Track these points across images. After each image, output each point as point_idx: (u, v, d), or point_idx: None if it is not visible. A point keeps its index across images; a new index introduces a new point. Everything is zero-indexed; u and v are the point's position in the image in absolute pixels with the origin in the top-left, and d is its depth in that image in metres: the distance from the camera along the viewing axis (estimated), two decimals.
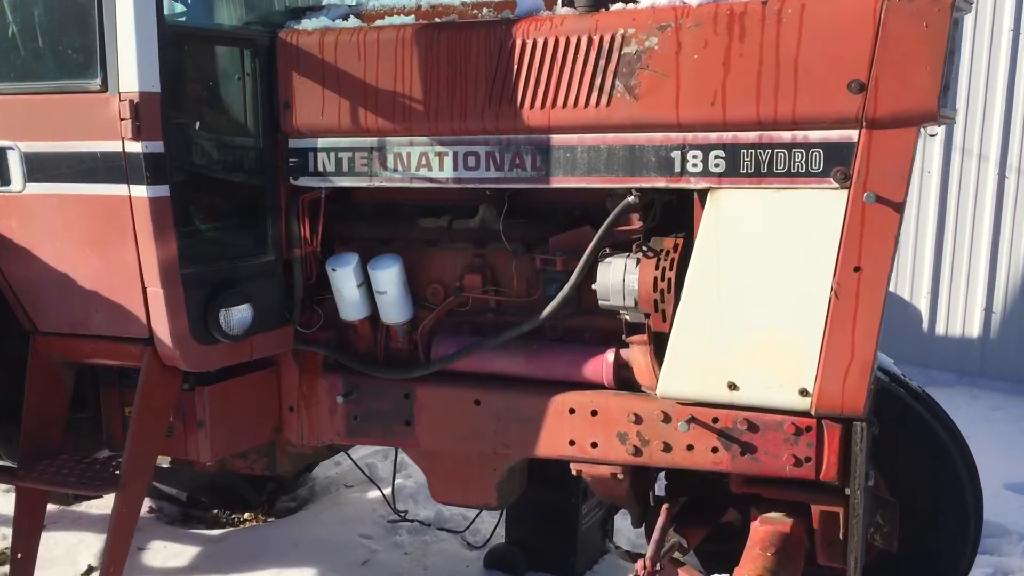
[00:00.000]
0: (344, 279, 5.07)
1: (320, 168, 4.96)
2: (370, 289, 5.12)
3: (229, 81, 5.02)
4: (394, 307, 5.07)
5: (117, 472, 4.69)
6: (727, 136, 4.17)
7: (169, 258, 4.51)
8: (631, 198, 4.43)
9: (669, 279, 4.37)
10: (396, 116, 4.73)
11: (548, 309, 4.64)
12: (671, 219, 4.58)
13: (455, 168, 4.70)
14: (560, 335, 4.95)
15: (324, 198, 5.11)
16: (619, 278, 4.47)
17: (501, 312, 5.07)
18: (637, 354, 4.65)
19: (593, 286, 4.57)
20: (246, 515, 7.24)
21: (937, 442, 4.94)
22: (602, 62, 4.33)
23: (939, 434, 4.95)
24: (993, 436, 8.11)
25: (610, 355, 4.71)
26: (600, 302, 4.56)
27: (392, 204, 5.18)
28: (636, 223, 4.59)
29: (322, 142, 4.93)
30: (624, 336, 4.67)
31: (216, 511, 7.21)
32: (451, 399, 4.97)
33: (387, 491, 6.99)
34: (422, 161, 4.76)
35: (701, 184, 4.25)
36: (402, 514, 6.76)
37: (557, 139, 4.49)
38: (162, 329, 4.58)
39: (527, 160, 4.56)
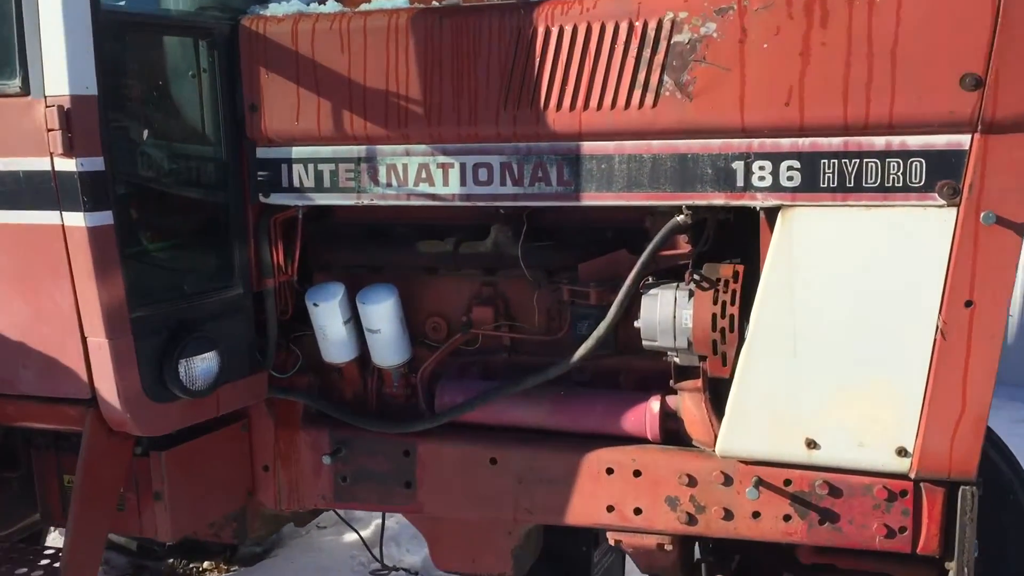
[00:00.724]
0: (328, 315, 4.25)
1: (296, 183, 4.12)
2: (359, 326, 4.31)
3: (182, 80, 4.15)
4: (389, 347, 4.26)
5: (56, 566, 3.82)
6: (804, 143, 3.41)
7: (115, 301, 3.65)
8: (680, 217, 3.67)
9: (731, 315, 3.61)
10: (389, 120, 3.90)
11: (581, 351, 3.85)
12: (724, 242, 3.82)
13: (463, 182, 3.89)
14: (589, 378, 4.17)
15: (301, 218, 4.27)
16: (668, 314, 3.70)
17: (517, 351, 4.28)
18: (689, 403, 3.89)
19: (636, 323, 3.80)
20: (206, 564, 6.45)
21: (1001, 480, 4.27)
22: (646, 53, 3.54)
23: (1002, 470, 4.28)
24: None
25: (655, 404, 3.95)
26: (644, 343, 3.79)
27: (384, 225, 4.36)
28: (684, 247, 3.82)
29: (298, 152, 4.09)
30: (672, 382, 3.91)
31: (171, 560, 6.39)
32: (461, 457, 4.18)
33: (366, 533, 6.21)
34: (421, 174, 3.94)
35: (770, 201, 3.50)
36: (385, 565, 5.95)
37: (590, 147, 3.70)
38: (107, 387, 3.72)
39: (552, 173, 3.76)
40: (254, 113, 4.08)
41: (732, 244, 3.87)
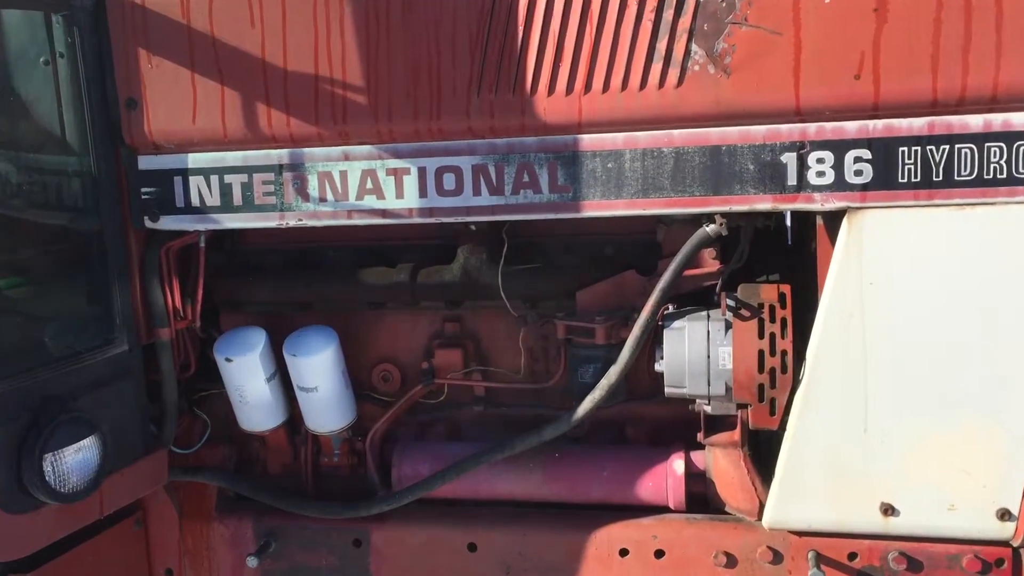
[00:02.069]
0: (246, 372, 3.27)
1: (194, 201, 3.12)
2: (286, 381, 3.34)
3: (31, 69, 3.07)
4: (328, 409, 3.31)
5: None
6: (876, 127, 2.65)
7: None
8: (711, 227, 2.86)
9: (782, 352, 2.82)
10: (321, 114, 2.95)
11: (588, 405, 2.99)
12: (752, 255, 3.04)
13: (422, 193, 2.97)
14: (585, 432, 3.32)
15: (203, 247, 3.26)
16: (700, 353, 2.88)
17: (493, 403, 3.40)
18: (723, 462, 3.09)
19: (657, 365, 2.96)
20: None
21: None
22: (668, 16, 2.72)
23: None
24: None
25: (677, 464, 3.13)
26: (668, 390, 2.96)
27: (314, 250, 3.41)
28: (711, 264, 3.02)
29: (196, 160, 3.10)
30: (700, 435, 3.10)
31: None
32: (430, 544, 3.27)
33: None
34: (366, 184, 3.01)
35: (832, 203, 2.72)
36: None
37: (592, 142, 2.84)
38: None
39: (542, 177, 2.89)
40: (132, 111, 3.06)
41: (762, 257, 3.10)
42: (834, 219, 2.76)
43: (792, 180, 2.73)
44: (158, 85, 3.03)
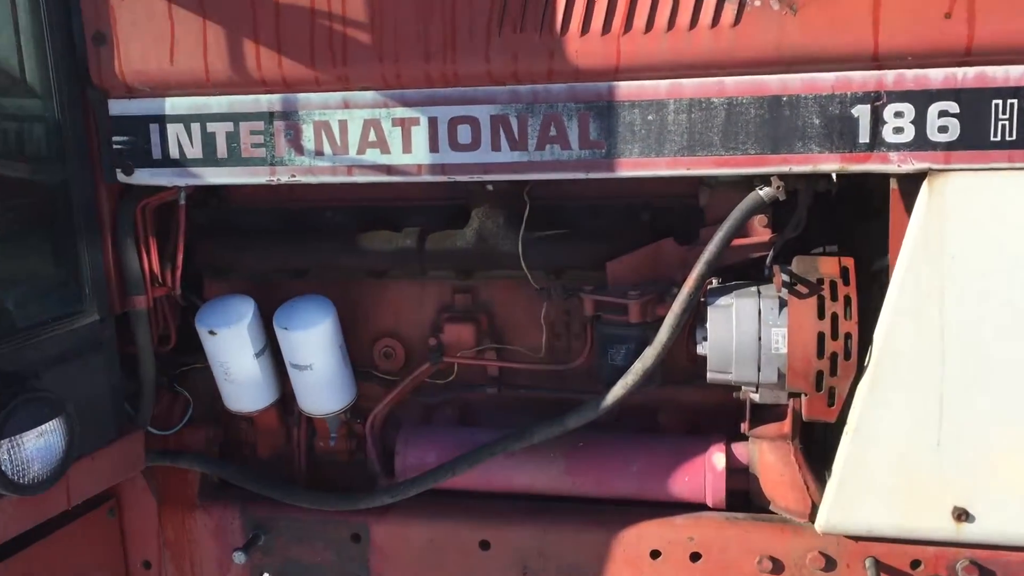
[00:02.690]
0: (232, 346, 2.91)
1: (173, 152, 2.74)
2: (277, 357, 2.99)
3: None
4: (324, 389, 2.96)
5: None
6: (966, 76, 2.27)
7: None
8: (766, 190, 2.49)
9: (846, 334, 2.46)
10: (318, 55, 2.57)
11: (619, 390, 2.64)
12: (811, 223, 2.67)
13: (433, 147, 2.60)
14: (614, 418, 2.96)
15: (184, 204, 2.89)
16: (751, 334, 2.52)
17: (509, 385, 3.04)
18: (770, 457, 2.74)
19: (699, 348, 2.61)
20: None
21: None
22: None
23: None
24: None
25: (717, 457, 2.78)
26: (711, 375, 2.61)
27: (309, 210, 3.03)
28: (762, 232, 2.65)
29: (175, 105, 2.72)
30: (744, 426, 2.75)
31: None
32: (437, 540, 2.93)
33: None
34: (369, 135, 2.63)
35: (911, 164, 2.34)
36: None
37: (631, 90, 2.46)
38: None
39: (572, 130, 2.51)
40: (101, 47, 2.67)
41: (822, 226, 2.73)
42: (912, 183, 2.39)
43: (864, 137, 2.36)
44: (130, 17, 2.64)
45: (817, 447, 2.77)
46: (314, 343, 2.85)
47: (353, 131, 2.63)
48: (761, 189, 2.51)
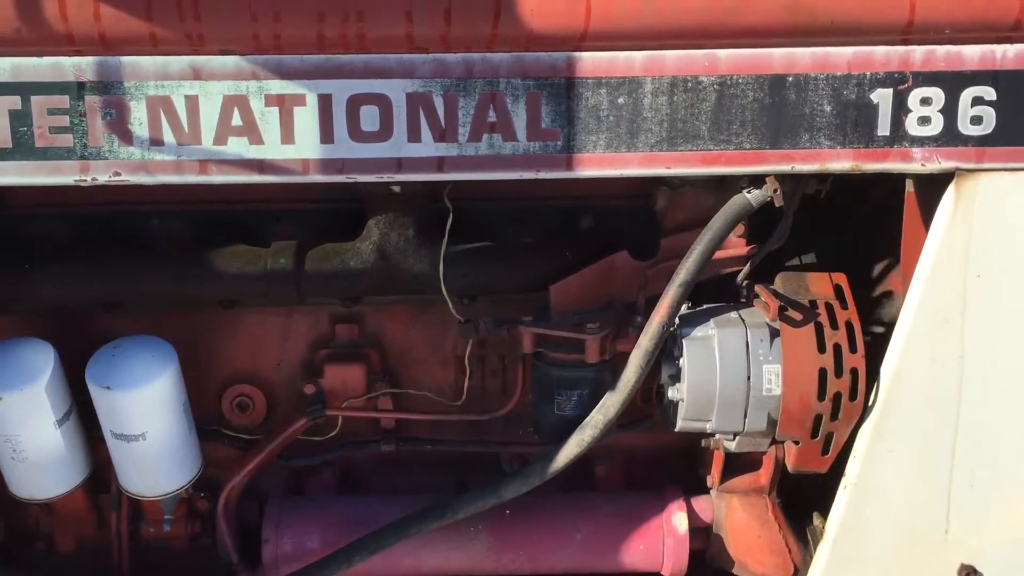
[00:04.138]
0: (23, 414, 2.08)
1: None
2: (84, 419, 2.17)
3: None
4: (162, 463, 2.19)
5: None
6: (1006, 54, 1.87)
7: None
8: (756, 192, 2.01)
9: (853, 371, 2.02)
10: (157, 3, 1.78)
11: (572, 449, 2.05)
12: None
13: (325, 135, 1.89)
14: None
15: None
16: (739, 373, 2.03)
17: (409, 439, 2.39)
18: (743, 514, 2.28)
19: (671, 392, 2.09)
20: None
21: None
22: None
23: None
24: None
25: (677, 518, 2.29)
26: (682, 423, 2.09)
27: (126, 215, 2.21)
28: (736, 242, 2.17)
29: None
30: (713, 478, 2.27)
31: None
32: None
33: None
34: (231, 118, 1.88)
35: (937, 162, 1.93)
36: None
37: (598, 63, 1.88)
38: None
39: (517, 114, 1.90)
40: None
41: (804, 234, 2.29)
42: (933, 186, 1.97)
43: (884, 129, 1.91)
44: None
45: (786, 498, 2.35)
46: (149, 406, 2.06)
47: (207, 112, 1.86)
48: (748, 191, 2.02)
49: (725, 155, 1.92)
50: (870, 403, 2.06)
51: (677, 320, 2.07)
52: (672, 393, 2.08)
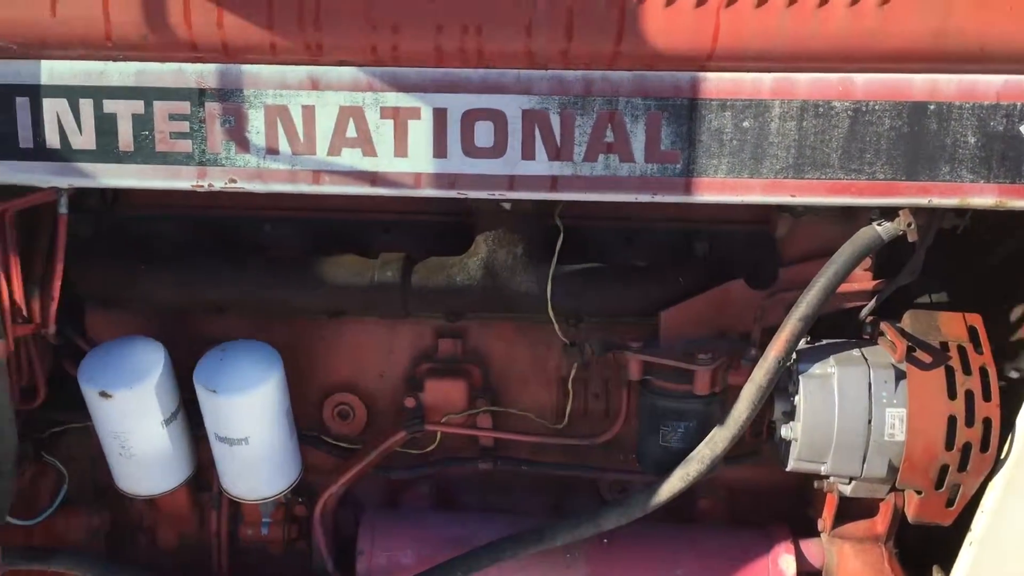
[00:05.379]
0: (133, 412, 2.11)
1: (50, 139, 1.90)
2: (191, 419, 2.19)
3: None
4: (263, 468, 2.20)
5: None
6: None
7: None
8: (888, 225, 1.89)
9: (986, 420, 1.88)
10: (279, 13, 1.78)
11: (676, 483, 1.98)
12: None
13: (438, 150, 1.86)
14: None
15: (65, 213, 2.03)
16: (860, 416, 1.92)
17: (507, 458, 2.35)
18: (856, 563, 2.17)
19: (784, 430, 1.99)
20: None
21: None
22: None
23: None
24: None
25: (784, 560, 2.19)
26: (795, 463, 1.99)
27: (239, 220, 2.23)
28: (862, 276, 2.05)
29: (56, 71, 1.87)
30: (825, 522, 2.16)
31: None
32: None
33: None
34: (346, 129, 1.87)
35: None
36: None
37: (724, 84, 1.80)
38: None
39: (636, 135, 1.83)
40: None
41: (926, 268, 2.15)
42: None
43: None
44: None
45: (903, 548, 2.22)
46: (253, 411, 2.07)
47: (323, 122, 1.86)
48: (879, 223, 1.90)
49: (856, 185, 1.81)
50: (1003, 456, 1.91)
51: (794, 355, 1.97)
52: (785, 431, 1.98)
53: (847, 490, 2.03)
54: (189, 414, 2.21)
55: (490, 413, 2.29)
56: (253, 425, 2.09)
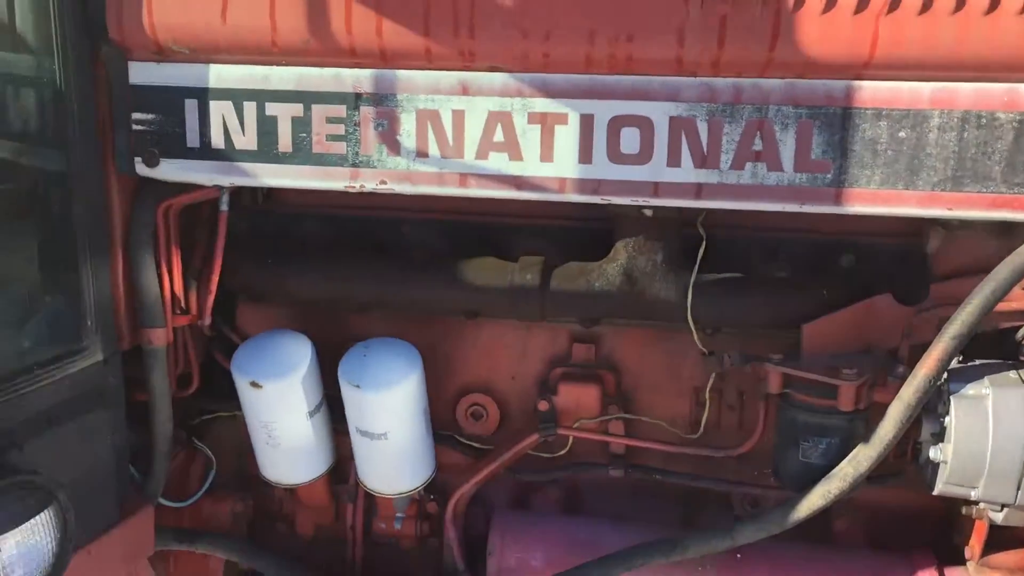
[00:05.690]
0: (281, 402, 2.20)
1: (215, 139, 2.00)
2: (333, 413, 2.27)
3: None
4: (401, 463, 2.27)
5: None
6: None
7: None
8: None
9: None
10: (434, 20, 1.83)
11: (815, 502, 1.94)
12: None
13: (583, 156, 1.88)
14: None
15: (226, 210, 2.13)
16: (1016, 440, 1.83)
17: (638, 466, 2.34)
18: None
19: (931, 452, 1.92)
20: None
21: None
22: None
23: None
24: None
25: None
26: (943, 486, 1.91)
27: (381, 221, 2.30)
28: (1019, 295, 1.96)
29: (223, 75, 1.98)
30: (967, 549, 2.08)
31: None
32: None
33: None
34: (493, 133, 1.90)
35: None
36: None
37: (879, 93, 1.76)
38: None
39: (786, 143, 1.81)
40: None
41: None
42: None
43: None
44: None
45: None
46: (394, 407, 2.14)
47: (472, 127, 1.90)
48: None
49: (1019, 199, 1.74)
50: None
51: (945, 374, 1.90)
52: (933, 453, 1.91)
53: (999, 518, 1.94)
54: (330, 408, 2.29)
55: (622, 420, 2.29)
56: (394, 421, 2.15)
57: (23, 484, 1.78)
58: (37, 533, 1.82)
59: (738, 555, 2.17)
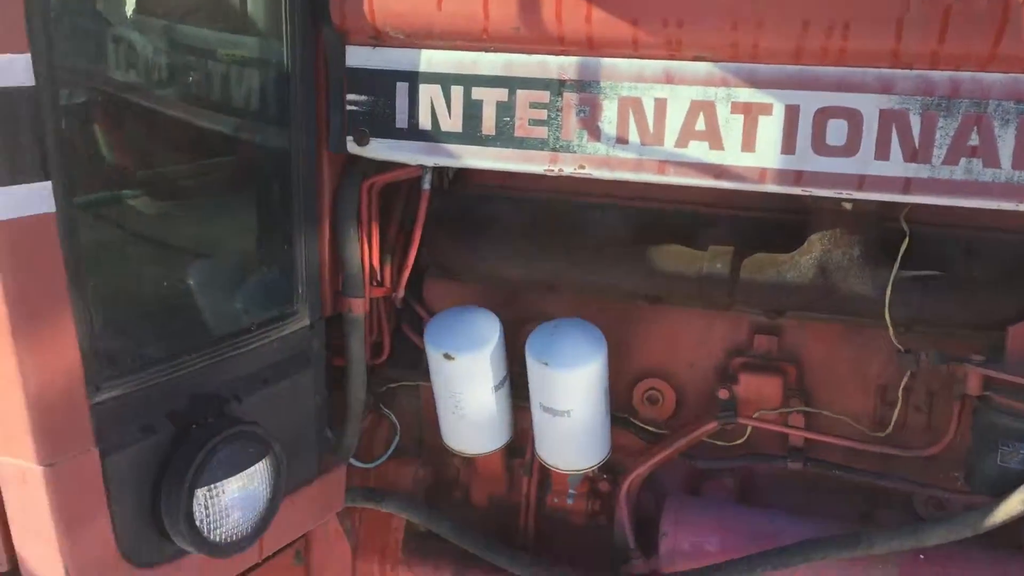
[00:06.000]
0: (469, 374, 2.30)
1: (422, 121, 2.10)
2: (515, 390, 2.35)
3: None
4: (580, 440, 2.33)
5: None
6: None
7: (55, 374, 1.66)
8: None
9: None
10: (645, 11, 1.86)
11: (1014, 508, 1.89)
12: None
13: (787, 146, 1.89)
14: None
15: (428, 189, 2.23)
16: None
17: (818, 461, 2.33)
18: None
19: None
20: None
21: None
22: None
23: None
24: None
25: None
26: None
27: (570, 205, 2.35)
28: None
29: (433, 60, 2.07)
30: None
31: None
32: None
33: None
34: (695, 123, 1.93)
35: None
36: None
37: None
38: (42, 554, 1.76)
39: (1004, 139, 1.77)
40: None
41: None
42: None
43: None
44: None
45: None
46: (579, 385, 2.20)
47: (674, 115, 1.93)
48: None
49: None
50: None
51: None
52: None
53: None
54: (515, 386, 2.37)
55: (803, 414, 2.28)
56: (577, 399, 2.21)
57: (244, 433, 1.93)
58: (255, 480, 1.97)
59: (921, 556, 2.13)
